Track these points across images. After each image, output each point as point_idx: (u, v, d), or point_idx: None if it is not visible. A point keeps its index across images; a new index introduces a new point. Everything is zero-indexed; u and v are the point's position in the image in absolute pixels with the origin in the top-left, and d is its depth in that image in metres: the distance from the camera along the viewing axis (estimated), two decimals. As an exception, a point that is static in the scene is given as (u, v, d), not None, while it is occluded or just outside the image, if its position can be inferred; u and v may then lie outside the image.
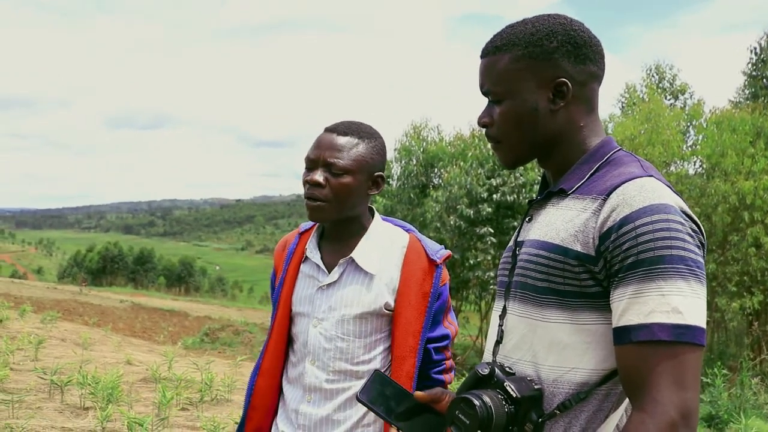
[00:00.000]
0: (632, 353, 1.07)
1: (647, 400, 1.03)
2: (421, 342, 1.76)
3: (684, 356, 1.03)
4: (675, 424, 1.01)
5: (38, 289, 32.25)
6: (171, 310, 30.65)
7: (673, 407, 1.01)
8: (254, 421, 1.81)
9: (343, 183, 1.70)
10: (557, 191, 1.27)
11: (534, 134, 1.27)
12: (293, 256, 1.85)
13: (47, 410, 5.02)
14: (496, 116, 1.29)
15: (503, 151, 1.33)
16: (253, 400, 1.81)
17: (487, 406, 1.12)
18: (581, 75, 1.25)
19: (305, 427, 1.74)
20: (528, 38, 1.25)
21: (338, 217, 1.75)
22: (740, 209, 14.88)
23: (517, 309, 1.25)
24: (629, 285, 1.08)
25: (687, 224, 1.11)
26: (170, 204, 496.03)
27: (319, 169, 1.71)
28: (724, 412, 7.10)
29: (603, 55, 1.30)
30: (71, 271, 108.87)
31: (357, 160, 1.71)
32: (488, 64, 1.29)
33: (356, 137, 1.74)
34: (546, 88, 1.24)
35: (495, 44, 1.29)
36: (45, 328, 11.11)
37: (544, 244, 1.21)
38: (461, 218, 16.35)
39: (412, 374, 1.75)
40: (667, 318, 1.04)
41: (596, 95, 1.30)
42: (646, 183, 1.14)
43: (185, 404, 5.80)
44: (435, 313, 1.80)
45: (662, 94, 21.44)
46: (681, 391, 1.02)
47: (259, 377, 1.81)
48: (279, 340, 1.81)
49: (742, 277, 15.34)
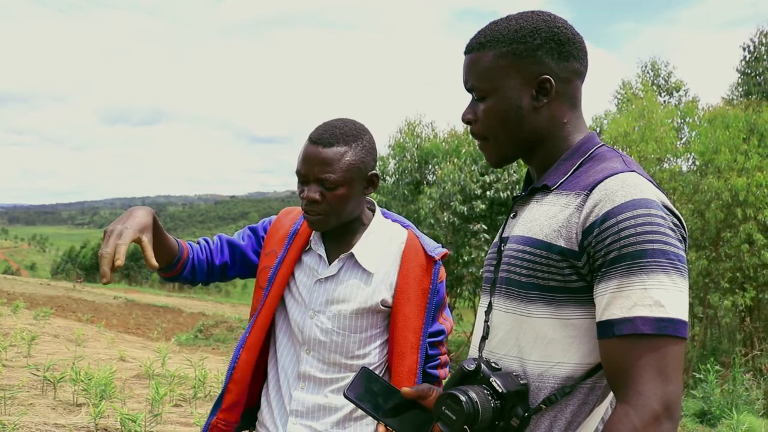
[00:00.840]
0: (616, 347, 1.08)
1: (631, 393, 1.04)
2: (423, 338, 1.78)
3: (666, 349, 1.05)
4: (658, 416, 1.02)
5: (31, 285, 32.16)
6: (165, 307, 30.61)
7: (657, 399, 1.02)
8: (233, 394, 1.81)
9: (338, 195, 1.70)
10: (541, 187, 1.28)
11: (518, 131, 1.28)
12: (296, 237, 1.85)
13: (40, 407, 5.01)
14: (480, 113, 1.30)
15: (489, 149, 1.33)
16: (234, 373, 1.81)
17: (473, 402, 1.13)
18: (565, 72, 1.26)
19: (299, 412, 1.75)
20: (512, 35, 1.25)
21: (339, 223, 1.76)
22: (733, 206, 14.93)
23: (503, 305, 1.26)
24: (612, 279, 1.09)
25: (668, 218, 1.12)
26: (164, 200, 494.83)
27: (312, 184, 1.71)
28: (716, 407, 7.14)
29: (586, 52, 1.30)
30: (64, 268, 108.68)
31: (348, 170, 1.69)
32: (472, 61, 1.30)
33: (342, 145, 1.69)
34: (530, 85, 1.25)
35: (479, 41, 1.29)
36: (38, 325, 11.09)
37: (528, 239, 1.22)
38: (455, 215, 16.37)
39: (415, 370, 1.76)
40: (649, 311, 1.05)
41: (579, 92, 1.31)
42: (628, 178, 1.15)
43: (178, 400, 5.80)
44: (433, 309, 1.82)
45: (657, 91, 21.49)
46: (664, 383, 1.03)
47: (243, 351, 1.81)
48: (267, 316, 1.81)
49: (735, 274, 15.38)
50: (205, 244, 1.89)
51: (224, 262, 1.89)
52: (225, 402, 1.82)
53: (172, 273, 1.81)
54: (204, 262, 1.86)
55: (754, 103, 17.46)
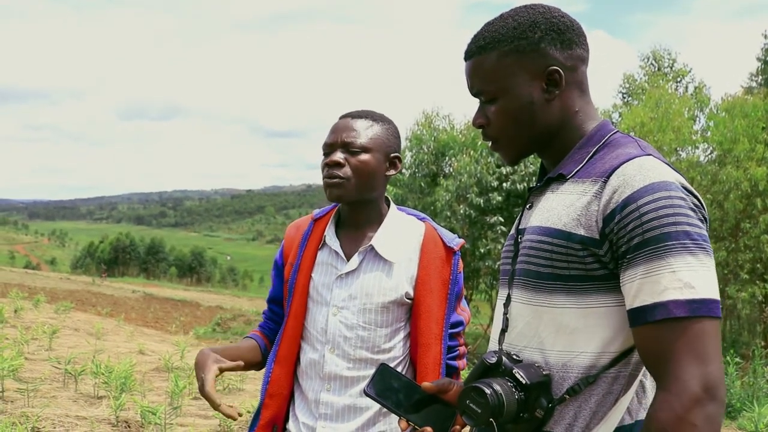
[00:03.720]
0: (650, 333, 1.07)
1: (670, 379, 1.04)
2: (445, 328, 1.77)
3: (702, 330, 1.03)
4: (700, 399, 1.00)
5: (51, 279, 32.52)
6: (183, 300, 30.86)
7: (696, 382, 1.01)
8: (271, 409, 1.80)
9: (362, 160, 1.73)
10: (556, 177, 1.27)
11: (532, 127, 1.26)
12: (308, 242, 1.84)
13: (62, 399, 5.08)
14: (491, 115, 1.28)
15: (503, 150, 1.33)
16: (269, 388, 1.80)
17: (498, 394, 1.12)
18: (570, 60, 1.25)
19: (327, 416, 1.73)
20: (512, 32, 1.24)
21: (358, 196, 1.75)
22: (753, 196, 14.77)
23: (522, 296, 1.25)
24: (639, 265, 1.08)
25: (689, 199, 1.11)
26: (181, 194, 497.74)
27: (337, 150, 1.74)
28: (737, 400, 7.08)
29: (585, 36, 1.29)
30: (84, 262, 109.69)
31: (373, 139, 1.76)
32: (475, 65, 1.28)
33: (371, 120, 1.79)
34: (539, 79, 1.24)
35: (478, 44, 1.27)
36: (59, 318, 11.22)
37: (546, 229, 1.21)
38: (471, 207, 16.31)
39: (440, 361, 1.75)
40: (680, 294, 1.04)
41: (586, 78, 1.30)
42: (645, 162, 1.14)
43: (197, 394, 5.84)
44: None
45: (663, 79, 21.23)
46: (702, 365, 1.02)
47: (275, 365, 1.80)
48: (296, 326, 1.80)
49: (755, 265, 15.23)
50: (264, 318, 1.98)
51: (281, 316, 1.91)
52: (263, 418, 1.80)
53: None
54: (273, 334, 1.93)
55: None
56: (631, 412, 1.16)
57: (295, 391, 1.83)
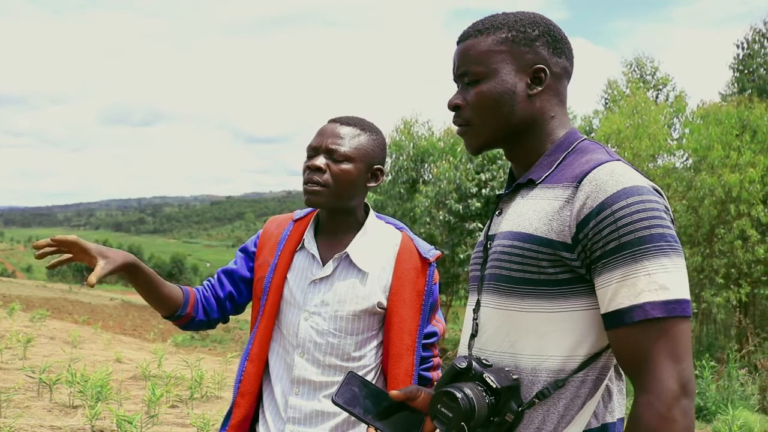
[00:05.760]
0: (628, 335, 1.10)
1: (649, 380, 1.07)
2: (418, 340, 1.78)
3: (676, 330, 1.08)
4: (677, 396, 1.05)
5: (27, 287, 32.06)
6: (161, 308, 30.45)
7: (673, 380, 1.06)
8: (242, 408, 1.80)
9: (343, 170, 1.72)
10: (526, 182, 1.29)
11: (509, 117, 1.28)
12: (286, 243, 1.84)
13: (36, 409, 5.00)
14: (470, 98, 1.30)
15: (472, 135, 1.34)
16: (241, 386, 1.80)
17: (469, 398, 1.13)
18: (557, 67, 1.30)
19: (296, 419, 1.73)
20: (512, 24, 1.29)
21: (335, 204, 1.76)
22: (727, 202, 14.97)
23: (492, 301, 1.26)
24: (615, 269, 1.10)
25: (661, 201, 1.15)
26: (160, 201, 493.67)
27: (320, 155, 1.74)
28: (712, 403, 7.16)
29: (573, 56, 1.35)
30: (60, 269, 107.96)
31: (358, 149, 1.74)
32: (469, 46, 1.31)
33: (359, 128, 1.78)
34: (525, 72, 1.28)
35: (477, 28, 1.32)
36: (34, 327, 11.05)
37: (516, 234, 1.22)
38: (451, 213, 16.38)
39: (411, 373, 1.76)
40: (656, 296, 1.08)
41: (566, 91, 1.34)
42: (616, 167, 1.17)
43: (175, 401, 5.79)
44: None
45: (645, 87, 21.50)
46: (677, 363, 1.07)
47: (248, 363, 1.80)
48: (268, 326, 1.80)
49: (729, 270, 15.43)
50: (207, 283, 1.92)
51: (229, 292, 1.89)
52: (234, 417, 1.80)
53: (184, 319, 1.83)
54: (211, 298, 1.88)
55: (746, 100, 17.51)
56: (597, 416, 1.18)
57: (264, 390, 1.83)
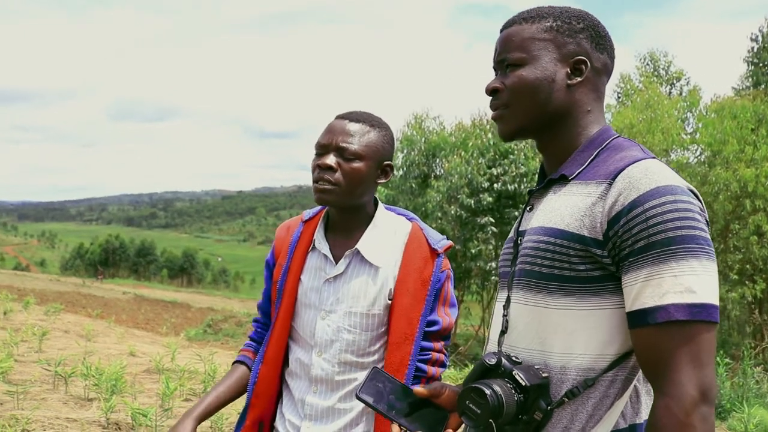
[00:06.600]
0: (650, 335, 1.08)
1: (669, 383, 1.05)
2: (419, 329, 1.73)
3: (700, 334, 1.05)
4: (696, 402, 1.03)
5: (41, 281, 32.36)
6: (173, 302, 30.74)
7: (693, 386, 1.04)
8: (257, 409, 1.80)
9: (354, 168, 1.69)
10: (558, 178, 1.28)
11: (545, 104, 1.27)
12: (298, 244, 1.83)
13: (51, 401, 5.04)
14: (509, 82, 1.29)
15: (508, 119, 1.32)
16: (256, 388, 1.80)
17: (498, 395, 1.12)
18: (598, 62, 1.29)
19: (311, 416, 1.74)
20: (558, 14, 1.29)
21: (346, 203, 1.74)
22: (742, 197, 14.86)
23: (522, 297, 1.25)
24: (642, 268, 1.09)
25: (696, 203, 1.12)
26: (172, 196, 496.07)
27: (330, 153, 1.71)
28: (727, 401, 7.11)
29: (615, 56, 1.34)
30: (74, 264, 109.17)
31: (368, 146, 1.72)
32: (513, 32, 1.31)
33: (368, 125, 1.74)
34: (566, 63, 1.27)
35: (523, 16, 1.32)
36: (48, 320, 11.15)
37: (548, 230, 1.21)
38: (462, 208, 16.33)
39: (407, 362, 1.71)
40: (681, 298, 1.05)
41: (604, 89, 1.34)
42: (651, 165, 1.15)
43: (188, 395, 5.81)
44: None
45: (658, 81, 21.35)
46: (698, 369, 1.05)
47: (263, 366, 1.80)
48: (283, 329, 1.80)
49: (744, 266, 15.32)
50: (255, 325, 1.96)
51: None
52: (249, 417, 1.80)
53: None
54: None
55: (762, 94, 17.35)
56: (625, 417, 1.16)
57: (284, 390, 1.84)
